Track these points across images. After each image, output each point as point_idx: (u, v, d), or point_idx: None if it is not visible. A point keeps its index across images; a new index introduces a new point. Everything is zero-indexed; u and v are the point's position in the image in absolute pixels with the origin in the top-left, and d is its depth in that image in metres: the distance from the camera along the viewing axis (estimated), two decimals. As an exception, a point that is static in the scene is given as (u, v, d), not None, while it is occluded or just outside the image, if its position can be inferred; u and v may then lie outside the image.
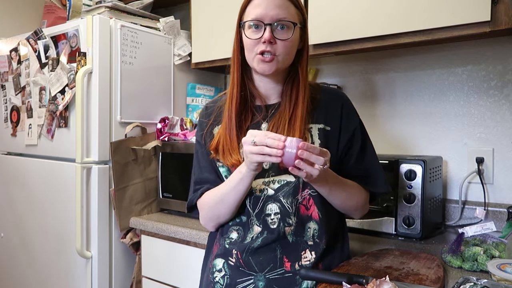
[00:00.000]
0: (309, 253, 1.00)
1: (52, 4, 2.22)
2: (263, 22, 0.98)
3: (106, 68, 1.72)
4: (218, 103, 1.14)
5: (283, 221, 1.00)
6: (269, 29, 0.98)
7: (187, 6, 2.06)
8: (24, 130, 2.04)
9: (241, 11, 1.04)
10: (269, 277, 0.99)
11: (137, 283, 1.78)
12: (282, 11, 0.99)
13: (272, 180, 1.02)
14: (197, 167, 1.13)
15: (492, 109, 1.52)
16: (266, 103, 1.09)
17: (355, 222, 1.44)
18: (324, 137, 1.04)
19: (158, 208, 1.88)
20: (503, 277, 0.92)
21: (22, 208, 2.05)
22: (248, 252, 1.01)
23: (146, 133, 1.86)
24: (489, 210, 1.49)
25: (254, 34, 1.00)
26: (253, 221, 1.02)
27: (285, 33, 1.00)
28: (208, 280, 1.08)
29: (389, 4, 1.39)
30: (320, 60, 1.91)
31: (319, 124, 1.05)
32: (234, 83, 1.06)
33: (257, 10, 0.99)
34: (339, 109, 1.08)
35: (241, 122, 1.05)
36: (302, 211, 1.01)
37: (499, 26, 1.20)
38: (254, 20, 0.99)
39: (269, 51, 0.99)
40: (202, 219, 1.11)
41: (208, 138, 1.10)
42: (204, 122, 1.14)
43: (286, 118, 1.03)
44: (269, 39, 0.97)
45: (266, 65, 1.00)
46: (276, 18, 0.98)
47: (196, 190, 1.11)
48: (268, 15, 0.98)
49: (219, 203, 1.03)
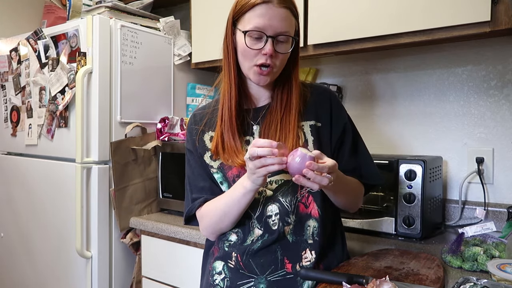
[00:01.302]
0: (309, 253, 1.00)
1: (52, 4, 2.22)
2: (265, 34, 0.96)
3: (106, 68, 1.72)
4: (207, 109, 1.12)
5: (282, 221, 1.00)
6: (271, 42, 0.96)
7: (187, 6, 2.06)
8: (24, 130, 2.04)
9: (239, 13, 1.00)
10: (271, 279, 0.98)
11: (137, 283, 1.78)
12: (285, 24, 0.97)
13: (269, 181, 1.02)
14: (191, 176, 1.10)
15: (492, 109, 1.52)
16: (256, 106, 1.09)
17: (355, 222, 1.44)
18: (316, 134, 1.04)
19: (158, 208, 1.88)
20: (503, 277, 0.92)
21: (22, 208, 2.05)
22: (248, 255, 1.00)
23: (146, 133, 1.86)
24: (489, 210, 1.49)
25: (254, 43, 0.97)
26: (254, 224, 1.01)
27: (285, 47, 0.99)
28: (208, 282, 1.07)
29: (389, 4, 1.39)
30: (320, 60, 1.91)
31: (310, 121, 1.05)
32: (232, 84, 1.04)
33: (260, 20, 0.95)
34: (328, 105, 1.09)
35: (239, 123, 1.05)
36: (301, 209, 1.01)
37: (499, 26, 1.20)
38: (257, 30, 0.96)
39: (269, 64, 0.98)
40: (203, 230, 1.08)
41: (201, 144, 1.08)
42: (195, 128, 1.11)
43: (278, 119, 1.03)
44: (271, 53, 0.96)
45: (262, 77, 1.00)
46: (279, 31, 0.97)
47: (194, 199, 1.08)
48: (272, 27, 0.96)
49: (222, 216, 1.00)
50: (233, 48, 1.03)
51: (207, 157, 1.07)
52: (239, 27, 1.00)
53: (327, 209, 1.04)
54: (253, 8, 0.97)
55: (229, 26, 1.03)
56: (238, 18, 1.01)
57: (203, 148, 1.08)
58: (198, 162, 1.09)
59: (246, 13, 0.98)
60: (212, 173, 1.06)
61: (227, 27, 1.04)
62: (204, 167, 1.08)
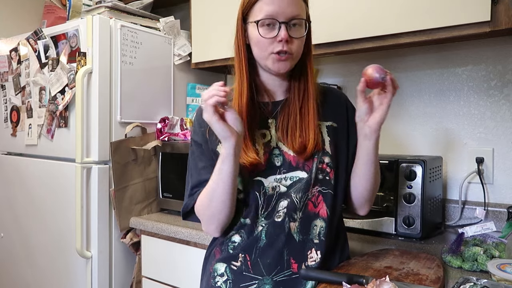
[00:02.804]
0: (314, 253, 0.99)
1: (52, 4, 2.22)
2: (277, 20, 0.96)
3: (106, 68, 1.72)
4: None
5: (288, 216, 0.99)
6: (284, 28, 0.96)
7: (187, 6, 2.06)
8: (24, 130, 2.04)
9: (247, 7, 0.99)
10: (277, 279, 0.97)
11: (137, 283, 1.78)
12: (296, 8, 0.97)
13: (284, 177, 1.01)
14: (194, 170, 1.07)
15: (492, 109, 1.52)
16: (273, 100, 1.07)
17: (355, 222, 1.44)
18: (333, 134, 1.05)
19: (158, 208, 1.88)
20: (503, 277, 0.92)
21: (22, 208, 2.05)
22: (256, 254, 0.99)
23: (146, 133, 1.86)
24: (489, 210, 1.49)
25: (267, 32, 0.97)
26: (258, 222, 1.00)
27: (299, 31, 0.99)
28: (209, 284, 1.05)
29: (390, 5, 1.39)
30: (320, 60, 1.91)
31: (327, 121, 1.06)
32: (243, 80, 1.02)
33: (270, 7, 0.95)
34: (344, 106, 1.09)
35: (251, 119, 1.02)
36: (309, 208, 1.00)
37: (499, 26, 1.20)
38: (268, 18, 0.96)
39: (286, 50, 0.97)
40: (202, 224, 1.04)
41: (213, 136, 1.03)
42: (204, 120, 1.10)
43: (296, 112, 1.02)
44: (286, 38, 0.96)
45: (282, 63, 0.99)
46: (290, 15, 0.96)
47: (192, 194, 1.05)
48: (283, 12, 0.95)
49: (211, 199, 0.97)
50: (244, 45, 1.03)
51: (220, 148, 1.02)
52: (250, 19, 1.00)
53: (336, 210, 1.04)
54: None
55: (239, 23, 1.03)
56: (248, 12, 1.00)
57: (216, 139, 1.03)
58: (207, 154, 1.05)
59: (254, 4, 0.98)
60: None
61: (237, 24, 1.03)
62: (211, 158, 1.03)
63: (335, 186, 1.03)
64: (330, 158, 1.03)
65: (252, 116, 1.03)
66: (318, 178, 1.01)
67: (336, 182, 1.03)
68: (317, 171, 1.01)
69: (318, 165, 1.01)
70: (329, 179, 1.02)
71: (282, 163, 1.02)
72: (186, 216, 1.09)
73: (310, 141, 1.00)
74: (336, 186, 1.03)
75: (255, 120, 1.03)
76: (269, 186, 1.00)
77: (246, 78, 1.02)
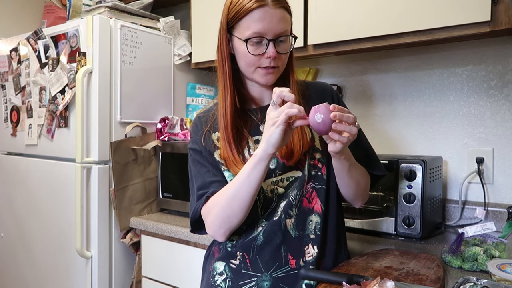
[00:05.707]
0: (311, 248, 1.00)
1: (52, 4, 2.22)
2: (266, 38, 0.96)
3: (106, 68, 1.72)
4: (212, 112, 1.10)
5: (284, 213, 1.00)
6: (272, 45, 0.96)
7: (187, 6, 2.06)
8: (24, 130, 2.04)
9: (234, 20, 0.98)
10: (275, 276, 0.99)
11: (137, 283, 1.78)
12: (284, 25, 0.97)
13: (280, 179, 1.02)
14: (197, 176, 1.04)
15: (492, 109, 1.52)
16: (261, 105, 1.08)
17: (355, 222, 1.44)
18: None
19: (158, 208, 1.88)
20: (503, 277, 0.92)
21: (22, 208, 2.05)
22: (254, 251, 1.00)
23: (146, 133, 1.86)
24: (489, 210, 1.49)
25: (255, 49, 0.97)
26: (259, 223, 1.01)
27: (285, 46, 1.00)
28: (208, 283, 1.06)
29: (389, 5, 1.39)
30: (320, 60, 1.91)
31: None
32: (227, 92, 1.02)
33: (259, 25, 0.95)
34: (330, 98, 1.10)
35: (240, 128, 1.03)
36: (304, 204, 1.02)
37: (499, 26, 1.20)
38: (257, 36, 0.95)
39: (273, 66, 0.99)
40: (210, 226, 0.98)
41: (209, 142, 1.06)
42: (201, 128, 1.08)
43: None
44: (274, 56, 0.97)
45: (269, 76, 1.00)
46: (278, 33, 0.97)
47: (200, 196, 1.01)
48: (271, 30, 0.96)
49: (231, 200, 0.93)
50: (228, 55, 1.02)
51: (217, 155, 1.04)
52: (236, 34, 0.99)
53: (331, 205, 1.05)
54: (249, 13, 0.95)
55: (223, 33, 1.01)
56: (234, 25, 0.99)
57: (212, 147, 1.05)
58: (209, 159, 1.04)
59: (242, 19, 0.97)
60: (223, 170, 1.03)
61: (221, 34, 1.02)
62: (214, 164, 1.04)
63: (328, 181, 1.04)
64: (321, 154, 1.04)
65: (245, 123, 1.04)
66: (311, 175, 1.02)
67: (328, 176, 1.04)
68: (309, 167, 1.02)
69: (310, 162, 1.03)
70: (321, 174, 1.03)
71: (276, 165, 1.03)
72: (195, 227, 1.05)
73: (296, 147, 1.00)
74: (329, 180, 1.05)
75: (248, 127, 1.05)
76: (267, 190, 1.01)
77: (230, 88, 1.02)
